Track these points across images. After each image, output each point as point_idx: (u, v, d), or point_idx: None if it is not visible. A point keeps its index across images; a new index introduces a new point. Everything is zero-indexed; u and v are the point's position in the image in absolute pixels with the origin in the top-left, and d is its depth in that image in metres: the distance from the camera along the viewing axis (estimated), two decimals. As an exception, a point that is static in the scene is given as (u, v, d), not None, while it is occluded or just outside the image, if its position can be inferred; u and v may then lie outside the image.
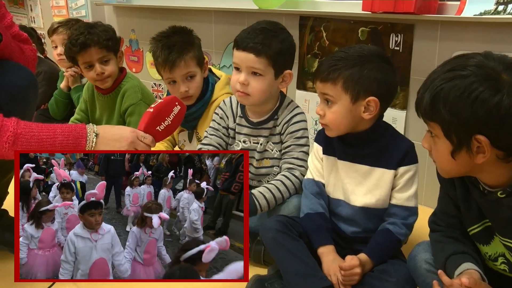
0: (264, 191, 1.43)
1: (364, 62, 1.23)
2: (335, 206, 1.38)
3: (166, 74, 1.73)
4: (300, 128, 1.50)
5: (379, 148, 1.30)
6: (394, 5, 1.64)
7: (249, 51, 1.42)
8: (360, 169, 1.32)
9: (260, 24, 1.47)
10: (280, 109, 1.54)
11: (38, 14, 3.86)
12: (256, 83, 1.45)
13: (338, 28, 2.00)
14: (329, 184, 1.38)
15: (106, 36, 1.98)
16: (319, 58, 2.11)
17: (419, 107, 1.00)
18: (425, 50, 1.76)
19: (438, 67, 0.99)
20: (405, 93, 1.85)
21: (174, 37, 1.75)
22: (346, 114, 1.26)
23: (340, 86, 1.24)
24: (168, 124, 1.40)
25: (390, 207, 1.31)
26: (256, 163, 1.59)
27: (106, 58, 2.01)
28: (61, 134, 1.22)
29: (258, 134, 1.56)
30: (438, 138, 0.99)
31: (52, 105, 2.51)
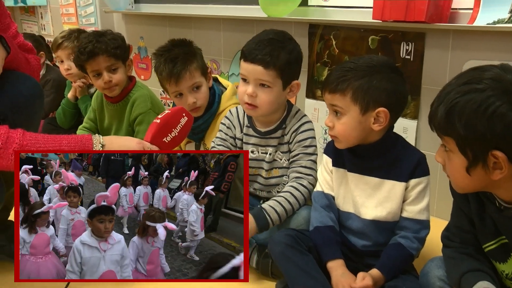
0: (274, 205, 1.42)
1: (373, 72, 1.22)
2: (345, 219, 1.36)
3: (172, 88, 1.73)
4: (308, 137, 1.50)
5: (390, 160, 1.28)
6: (405, 13, 1.62)
7: (258, 63, 1.41)
8: (370, 182, 1.30)
9: (268, 34, 1.46)
10: (288, 118, 1.54)
11: (48, 22, 3.91)
12: (264, 95, 1.45)
13: (348, 37, 1.99)
14: (339, 196, 1.37)
15: (114, 45, 1.98)
16: (328, 67, 2.10)
17: (432, 120, 0.98)
18: (437, 59, 1.75)
19: (453, 79, 0.97)
20: (416, 103, 1.83)
21: (175, 50, 1.74)
22: (356, 126, 1.25)
23: (349, 97, 1.23)
24: (175, 136, 1.40)
25: (401, 220, 1.30)
26: (265, 173, 1.58)
27: (114, 66, 2.01)
28: (67, 145, 1.23)
29: (266, 144, 1.55)
30: (452, 153, 0.97)
31: (60, 114, 2.52)
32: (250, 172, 1.61)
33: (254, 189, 1.63)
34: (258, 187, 1.62)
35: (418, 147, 1.83)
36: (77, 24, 3.42)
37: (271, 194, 1.58)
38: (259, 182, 1.60)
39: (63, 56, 2.43)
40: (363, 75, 1.22)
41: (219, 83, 1.90)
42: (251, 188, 1.63)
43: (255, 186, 1.62)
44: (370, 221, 1.31)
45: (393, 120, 1.28)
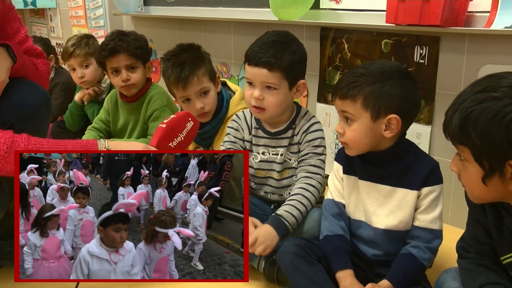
0: (290, 210, 1.42)
1: (384, 78, 1.21)
2: (356, 227, 1.35)
3: (180, 93, 1.73)
4: (318, 137, 1.51)
5: (402, 168, 1.27)
6: (419, 17, 1.61)
7: (262, 66, 1.42)
8: (382, 190, 1.29)
9: (271, 36, 1.46)
10: (297, 119, 1.55)
11: (57, 24, 3.95)
12: (271, 97, 1.45)
13: (361, 40, 1.98)
14: (350, 204, 1.36)
15: (136, 45, 2.02)
16: (340, 71, 2.09)
17: (447, 129, 0.97)
18: (452, 64, 1.73)
19: (468, 87, 0.96)
20: (430, 108, 1.80)
21: (183, 54, 1.75)
22: (367, 133, 1.24)
23: (360, 103, 1.22)
24: (181, 140, 1.40)
25: (413, 230, 1.28)
26: (277, 175, 1.57)
27: (133, 65, 2.05)
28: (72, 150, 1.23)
29: (277, 144, 1.56)
30: (468, 162, 0.96)
31: (68, 117, 2.53)
32: (260, 175, 1.61)
33: (265, 192, 1.62)
34: (269, 190, 1.61)
35: (432, 154, 1.81)
36: (86, 26, 3.45)
37: (282, 197, 1.58)
38: (271, 184, 1.60)
39: (75, 64, 2.42)
40: (374, 81, 1.21)
41: (227, 88, 1.90)
42: (261, 192, 1.63)
43: (266, 190, 1.62)
44: (381, 230, 1.30)
45: (405, 127, 1.27)
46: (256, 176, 1.61)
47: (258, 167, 1.60)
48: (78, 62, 2.40)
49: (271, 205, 1.63)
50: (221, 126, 1.80)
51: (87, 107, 2.47)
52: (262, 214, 1.59)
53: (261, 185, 1.62)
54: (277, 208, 1.57)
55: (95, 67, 2.39)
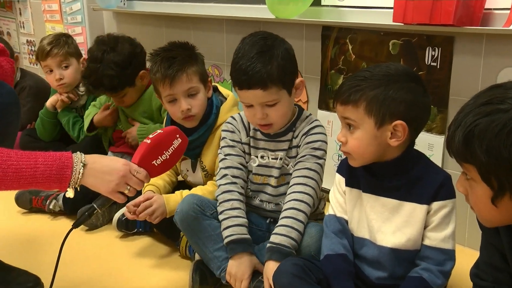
0: (288, 232, 1.45)
1: (390, 82, 1.23)
2: (359, 246, 1.36)
3: (166, 91, 1.74)
4: (318, 140, 1.54)
5: (410, 180, 1.29)
6: (430, 16, 1.63)
7: (255, 87, 1.45)
8: (388, 204, 1.30)
9: (252, 48, 1.48)
10: (298, 121, 1.58)
11: (28, 19, 3.93)
12: (275, 112, 1.50)
13: (366, 40, 2.01)
14: (353, 220, 1.37)
15: (112, 83, 2.06)
16: (344, 74, 2.11)
17: (450, 146, 0.98)
18: (467, 67, 1.75)
19: (471, 99, 0.97)
20: (443, 116, 1.83)
21: (175, 50, 1.78)
22: (371, 141, 1.25)
23: (362, 109, 1.24)
24: (166, 159, 1.41)
25: (423, 249, 1.29)
26: (275, 181, 1.60)
27: (121, 94, 2.14)
28: (43, 164, 1.23)
29: (276, 147, 1.59)
30: (475, 182, 0.97)
31: (39, 125, 2.51)
32: (257, 181, 1.63)
33: (261, 201, 1.64)
34: (266, 198, 1.63)
35: (445, 166, 1.82)
36: (62, 22, 3.44)
37: (279, 207, 1.59)
38: (267, 192, 1.62)
39: (53, 65, 2.40)
40: (378, 84, 1.23)
41: (219, 93, 1.91)
42: (256, 201, 1.64)
43: (263, 198, 1.63)
44: (387, 248, 1.30)
45: (413, 135, 1.29)
46: (253, 182, 1.63)
47: (256, 172, 1.62)
48: (57, 62, 2.39)
49: (267, 219, 1.64)
50: (210, 135, 1.81)
51: (61, 115, 2.45)
52: (256, 229, 1.61)
53: (257, 193, 1.63)
54: (272, 224, 1.60)
55: (75, 69, 2.40)
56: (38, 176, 1.22)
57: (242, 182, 1.61)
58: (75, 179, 1.26)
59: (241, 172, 1.61)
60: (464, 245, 1.83)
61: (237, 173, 1.61)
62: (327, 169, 2.04)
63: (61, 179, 1.25)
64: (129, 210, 1.71)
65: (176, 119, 1.80)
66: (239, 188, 1.59)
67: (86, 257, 1.85)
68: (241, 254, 1.50)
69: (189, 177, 1.92)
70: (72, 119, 2.43)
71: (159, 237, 1.96)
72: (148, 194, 1.74)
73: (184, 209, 1.57)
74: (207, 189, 1.77)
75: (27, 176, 1.21)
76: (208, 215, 1.58)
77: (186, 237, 1.64)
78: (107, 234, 2.02)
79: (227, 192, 1.58)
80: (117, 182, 1.31)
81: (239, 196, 1.58)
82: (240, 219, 1.54)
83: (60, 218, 2.16)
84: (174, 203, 1.69)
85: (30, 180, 1.22)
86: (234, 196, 1.57)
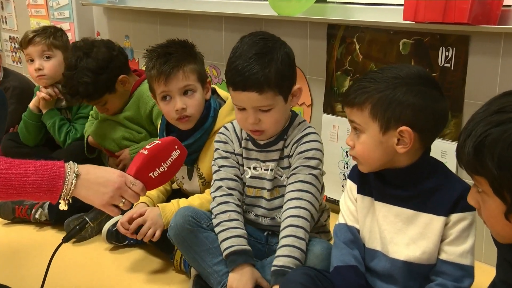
0: (291, 252, 1.44)
1: (398, 84, 1.24)
2: (370, 258, 1.36)
3: (161, 87, 1.75)
4: (311, 148, 1.54)
5: (427, 190, 1.28)
6: (443, 14, 1.63)
7: (251, 90, 1.46)
8: (402, 214, 1.30)
9: (249, 48, 1.48)
10: (290, 129, 1.58)
11: (11, 14, 3.92)
12: (268, 118, 1.50)
13: (375, 40, 2.01)
14: (364, 230, 1.38)
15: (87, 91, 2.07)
16: (351, 76, 2.11)
17: (460, 157, 0.98)
18: (484, 68, 1.75)
19: (483, 107, 0.97)
20: (458, 121, 1.83)
21: (173, 46, 1.79)
22: (376, 146, 1.27)
23: (367, 112, 1.25)
24: (164, 171, 1.41)
25: (439, 264, 1.28)
26: (268, 194, 1.60)
27: (100, 103, 2.15)
28: (33, 173, 1.23)
29: (266, 158, 1.59)
30: (487, 196, 0.97)
31: (22, 129, 2.49)
32: (250, 193, 1.63)
33: (256, 215, 1.64)
34: (261, 212, 1.63)
35: (460, 175, 1.81)
36: (48, 18, 3.43)
37: (275, 221, 1.60)
38: (262, 205, 1.62)
39: (34, 54, 2.40)
40: (385, 87, 1.24)
41: (217, 95, 1.91)
42: (251, 215, 1.65)
43: (258, 212, 1.63)
44: (399, 261, 1.30)
45: (426, 142, 1.29)
46: (247, 195, 1.63)
47: (249, 184, 1.62)
48: (38, 51, 2.39)
49: (265, 231, 1.65)
50: (207, 140, 1.81)
51: (46, 117, 2.43)
52: (255, 242, 1.61)
53: (251, 207, 1.64)
54: (271, 236, 1.61)
55: (58, 62, 2.39)
56: (27, 186, 1.22)
57: (238, 194, 1.61)
58: (67, 190, 1.26)
59: (236, 183, 1.61)
60: (481, 260, 1.82)
61: (233, 185, 1.61)
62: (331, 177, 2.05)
63: (52, 190, 1.25)
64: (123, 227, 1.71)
65: (170, 119, 1.80)
66: (235, 200, 1.59)
67: (74, 271, 1.84)
68: (242, 266, 1.49)
69: (185, 185, 1.92)
70: (58, 122, 2.41)
71: (152, 250, 1.95)
72: (140, 208, 1.73)
73: (179, 222, 1.57)
74: (205, 198, 1.77)
75: (16, 186, 1.21)
76: (204, 227, 1.58)
77: (182, 252, 1.63)
78: (96, 246, 2.01)
79: (223, 203, 1.58)
80: (111, 194, 1.31)
81: (236, 208, 1.58)
82: (239, 230, 1.54)
83: (46, 228, 2.14)
84: (171, 213, 1.68)
85: (19, 190, 1.22)
86: (231, 207, 1.57)
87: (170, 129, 1.86)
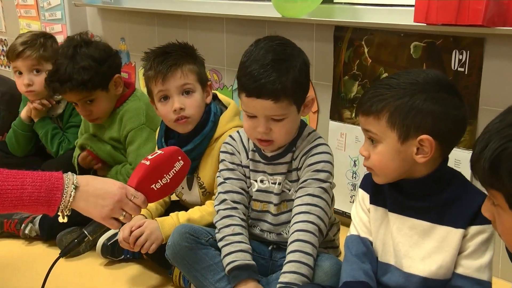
0: (297, 268, 1.45)
1: (416, 91, 1.25)
2: (383, 272, 1.37)
3: (158, 86, 1.77)
4: (321, 160, 1.55)
5: (444, 201, 1.29)
6: (456, 15, 1.64)
7: (266, 97, 1.46)
8: (418, 226, 1.31)
9: (266, 53, 1.49)
10: (299, 140, 1.59)
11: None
12: (279, 128, 1.51)
13: (384, 42, 2.02)
14: (377, 242, 1.38)
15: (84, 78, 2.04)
16: (359, 81, 2.12)
17: (475, 169, 0.99)
18: (500, 72, 1.76)
19: (498, 117, 0.98)
20: (472, 128, 1.84)
21: (173, 46, 1.82)
22: (394, 156, 1.27)
23: (385, 121, 1.26)
24: (167, 182, 1.43)
25: (455, 279, 1.29)
26: (274, 209, 1.61)
27: (89, 98, 2.10)
28: (31, 185, 1.24)
29: (274, 171, 1.60)
30: (502, 210, 0.98)
31: (11, 139, 2.49)
32: (256, 207, 1.64)
33: (262, 230, 1.65)
34: (266, 227, 1.64)
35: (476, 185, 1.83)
36: (38, 19, 3.43)
37: (281, 237, 1.61)
38: (267, 220, 1.63)
39: (23, 68, 2.40)
40: (404, 94, 1.25)
41: (218, 101, 1.93)
42: (256, 230, 1.65)
43: (263, 227, 1.64)
44: (414, 276, 1.31)
45: (445, 151, 1.30)
46: (253, 209, 1.64)
47: (256, 197, 1.63)
48: (28, 65, 2.39)
49: (269, 246, 1.66)
50: (207, 147, 1.82)
51: (38, 126, 2.43)
52: (258, 257, 1.61)
53: (256, 221, 1.64)
54: (275, 251, 1.62)
55: None
56: (24, 199, 1.23)
57: (243, 208, 1.62)
58: (66, 202, 1.28)
59: (241, 197, 1.62)
60: (498, 276, 1.83)
61: (238, 198, 1.62)
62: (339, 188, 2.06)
63: (50, 202, 1.26)
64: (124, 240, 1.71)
65: (168, 121, 1.81)
66: (240, 214, 1.60)
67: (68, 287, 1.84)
68: (246, 281, 1.49)
69: (184, 195, 1.93)
70: (51, 131, 2.41)
71: (150, 265, 1.95)
72: (138, 220, 1.74)
73: (176, 240, 1.58)
74: (206, 210, 1.78)
75: (13, 198, 1.23)
76: (203, 243, 1.59)
77: (183, 271, 1.64)
78: (91, 261, 2.02)
79: (227, 217, 1.59)
80: (111, 207, 1.33)
81: (240, 222, 1.59)
82: (243, 245, 1.54)
83: (36, 243, 2.14)
84: (170, 227, 1.70)
85: (15, 202, 1.23)
86: (235, 221, 1.58)
87: (169, 136, 1.87)
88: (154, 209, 1.86)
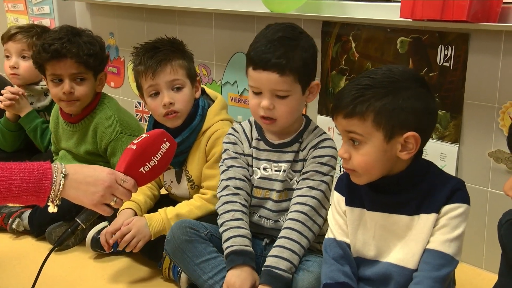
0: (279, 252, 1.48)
1: (397, 89, 1.26)
2: (365, 267, 1.39)
3: (148, 82, 1.78)
4: (327, 154, 1.58)
5: (422, 192, 1.31)
6: (442, 11, 1.66)
7: (272, 70, 1.49)
8: (400, 221, 1.33)
9: (276, 32, 1.53)
10: (306, 132, 1.62)
11: (-16, 9, 3.88)
12: (282, 106, 1.53)
13: (372, 38, 2.04)
14: (357, 243, 1.39)
15: (90, 51, 2.01)
16: (346, 76, 2.15)
17: None
18: (484, 67, 1.79)
19: None
20: (457, 122, 1.86)
21: (162, 42, 1.83)
22: (380, 156, 1.28)
23: (370, 121, 1.26)
24: (155, 165, 1.43)
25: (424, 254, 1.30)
26: (276, 195, 1.63)
27: (81, 76, 2.04)
28: (19, 176, 1.24)
29: (279, 158, 1.63)
30: None
31: None
32: (258, 195, 1.66)
33: (260, 216, 1.67)
34: (265, 214, 1.66)
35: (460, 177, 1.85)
36: (26, 13, 3.41)
37: (277, 225, 1.63)
38: (268, 207, 1.65)
39: (12, 50, 2.43)
40: (385, 93, 1.25)
41: (206, 96, 1.95)
42: (255, 216, 1.67)
43: (262, 213, 1.66)
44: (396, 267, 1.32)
45: (423, 145, 1.32)
46: (254, 196, 1.66)
47: (257, 184, 1.66)
48: (17, 49, 2.42)
49: (263, 241, 1.67)
50: (195, 140, 1.84)
51: (25, 121, 2.40)
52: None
53: (257, 208, 1.67)
54: (269, 245, 1.62)
55: None
56: (13, 190, 1.24)
57: (245, 194, 1.64)
58: (55, 191, 1.28)
59: (244, 183, 1.64)
60: (481, 267, 1.87)
61: (240, 185, 1.64)
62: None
63: (40, 192, 1.26)
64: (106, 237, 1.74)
65: (157, 116, 1.83)
66: (241, 200, 1.62)
67: (56, 282, 1.84)
68: (241, 267, 1.50)
69: (173, 189, 1.95)
70: (40, 125, 2.40)
71: (139, 258, 1.96)
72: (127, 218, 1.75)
73: (176, 234, 1.59)
74: (194, 204, 1.79)
75: (1, 190, 1.23)
76: (203, 236, 1.60)
77: (181, 266, 1.64)
78: (80, 254, 2.02)
79: (228, 202, 1.61)
80: (102, 193, 1.33)
81: (241, 208, 1.60)
82: (241, 230, 1.56)
83: (24, 237, 2.14)
84: (158, 223, 1.72)
85: (4, 194, 1.24)
86: (235, 207, 1.60)
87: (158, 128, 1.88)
88: (143, 202, 1.88)
